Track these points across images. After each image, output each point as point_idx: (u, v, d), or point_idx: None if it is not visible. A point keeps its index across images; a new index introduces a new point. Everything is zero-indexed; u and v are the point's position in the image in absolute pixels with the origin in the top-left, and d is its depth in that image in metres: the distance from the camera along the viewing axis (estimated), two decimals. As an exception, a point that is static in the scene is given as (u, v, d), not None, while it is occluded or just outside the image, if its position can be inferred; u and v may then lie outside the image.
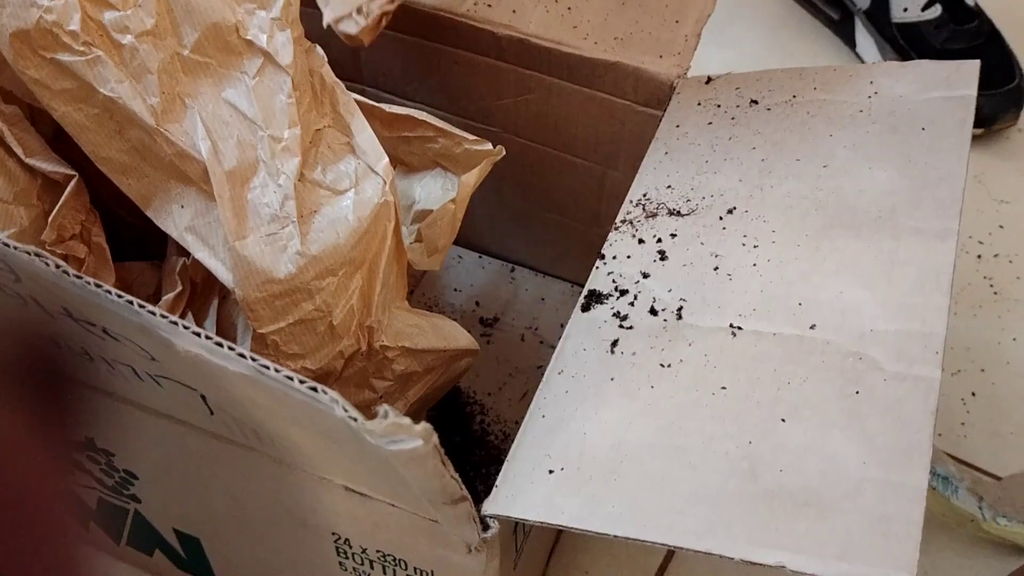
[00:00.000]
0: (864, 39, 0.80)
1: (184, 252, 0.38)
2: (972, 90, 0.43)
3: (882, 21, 0.77)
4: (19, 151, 0.36)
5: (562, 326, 0.40)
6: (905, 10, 0.76)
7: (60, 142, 0.38)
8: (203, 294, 0.39)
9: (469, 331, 0.42)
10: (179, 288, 0.38)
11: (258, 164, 0.33)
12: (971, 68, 0.44)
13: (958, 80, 0.44)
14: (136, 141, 0.33)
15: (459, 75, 0.57)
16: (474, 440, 0.56)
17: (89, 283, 0.26)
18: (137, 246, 0.43)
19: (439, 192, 0.46)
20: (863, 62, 0.81)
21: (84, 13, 0.32)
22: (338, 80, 0.36)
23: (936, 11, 0.75)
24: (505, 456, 0.35)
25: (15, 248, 0.27)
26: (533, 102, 0.56)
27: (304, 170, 0.34)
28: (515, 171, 0.60)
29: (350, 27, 0.43)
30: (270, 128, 0.33)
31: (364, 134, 0.36)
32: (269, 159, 0.33)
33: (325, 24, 0.42)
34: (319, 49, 0.36)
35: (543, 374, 0.38)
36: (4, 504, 0.21)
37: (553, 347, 0.39)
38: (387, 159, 0.36)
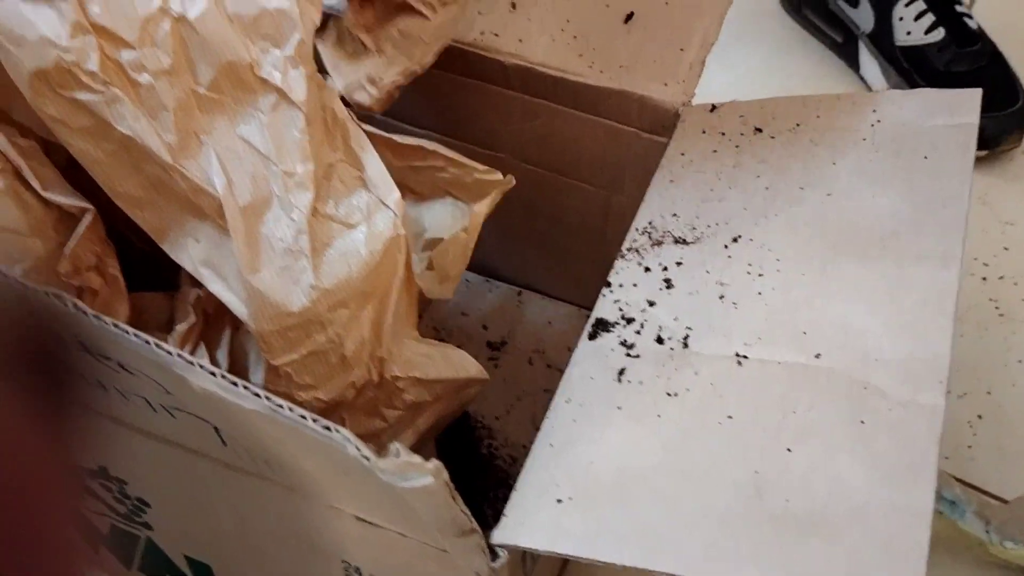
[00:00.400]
0: (868, 61, 0.81)
1: (197, 283, 0.38)
2: (974, 117, 0.44)
3: (885, 44, 0.78)
4: (36, 184, 0.37)
5: (569, 349, 0.41)
6: (908, 33, 0.76)
7: (73, 170, 0.38)
8: (216, 323, 0.40)
9: (476, 355, 0.43)
10: (192, 319, 0.38)
11: (272, 199, 0.34)
12: (973, 96, 0.45)
13: (960, 107, 0.45)
14: (152, 177, 0.34)
15: (466, 102, 0.57)
16: (482, 463, 0.56)
17: (107, 323, 0.26)
18: (149, 271, 0.43)
19: (449, 220, 0.46)
20: (867, 84, 0.81)
21: (102, 52, 0.32)
22: (349, 114, 0.37)
23: (939, 34, 0.75)
24: (513, 479, 0.35)
25: (34, 288, 0.28)
26: (539, 128, 0.57)
27: (317, 204, 0.35)
28: (521, 195, 0.60)
29: (363, 98, 0.44)
30: (283, 163, 0.34)
31: (375, 168, 0.36)
32: (283, 194, 0.34)
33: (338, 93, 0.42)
34: (331, 84, 0.37)
35: (550, 397, 0.39)
36: (13, 520, 0.21)
37: (560, 370, 0.40)
38: (398, 193, 0.36)
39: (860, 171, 0.44)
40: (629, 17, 0.54)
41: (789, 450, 0.34)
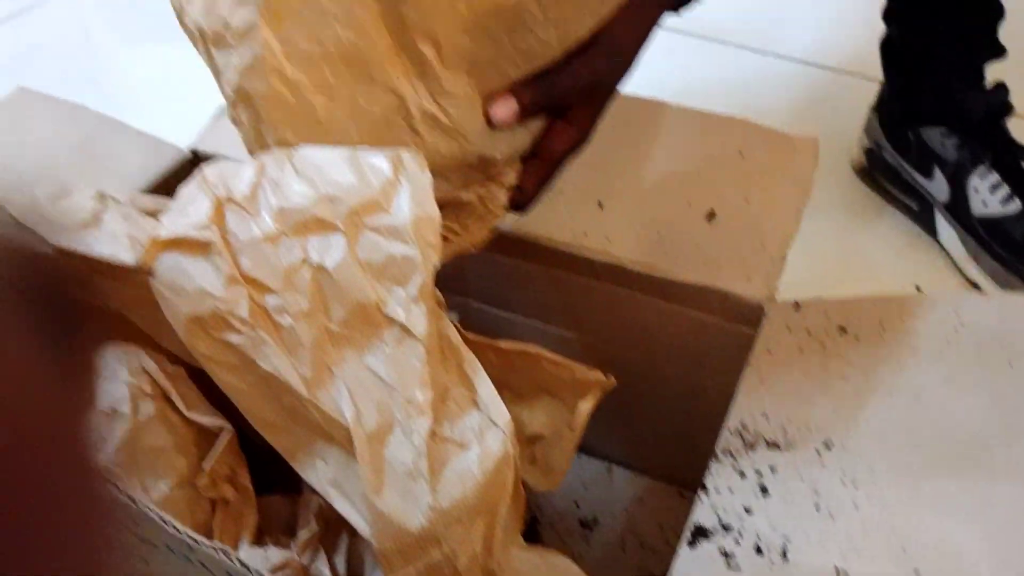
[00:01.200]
0: (945, 229, 0.82)
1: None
2: (1057, 324, 0.45)
3: (962, 214, 0.80)
4: (181, 406, 0.41)
5: (660, 526, 0.42)
6: (985, 204, 0.78)
7: (210, 386, 0.42)
8: (334, 529, 0.42)
9: (569, 533, 0.45)
10: (314, 527, 0.41)
11: (394, 424, 0.37)
12: (1054, 301, 0.46)
13: (1043, 312, 0.46)
14: (288, 406, 0.38)
15: (554, 291, 0.61)
16: (577, 649, 0.57)
17: (250, 571, 0.29)
18: (270, 464, 0.47)
19: (546, 418, 0.49)
20: (946, 250, 0.83)
21: (251, 300, 0.36)
22: (462, 340, 0.40)
23: (1017, 206, 0.77)
24: None
25: (177, 530, 0.31)
26: (625, 315, 0.60)
27: (434, 427, 0.38)
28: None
29: None
30: (405, 391, 0.37)
31: (486, 390, 0.39)
32: (404, 419, 0.37)
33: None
34: (448, 314, 0.40)
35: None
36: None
37: (653, 549, 0.41)
38: (508, 415, 0.39)
39: (946, 376, 0.45)
40: (711, 216, 0.58)
41: (894, 675, 0.35)
